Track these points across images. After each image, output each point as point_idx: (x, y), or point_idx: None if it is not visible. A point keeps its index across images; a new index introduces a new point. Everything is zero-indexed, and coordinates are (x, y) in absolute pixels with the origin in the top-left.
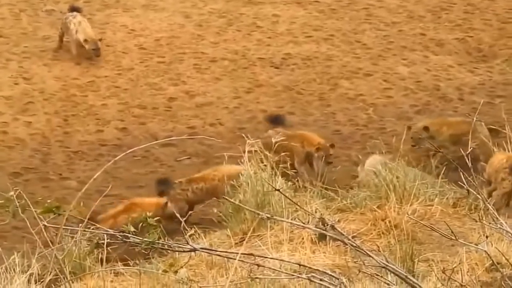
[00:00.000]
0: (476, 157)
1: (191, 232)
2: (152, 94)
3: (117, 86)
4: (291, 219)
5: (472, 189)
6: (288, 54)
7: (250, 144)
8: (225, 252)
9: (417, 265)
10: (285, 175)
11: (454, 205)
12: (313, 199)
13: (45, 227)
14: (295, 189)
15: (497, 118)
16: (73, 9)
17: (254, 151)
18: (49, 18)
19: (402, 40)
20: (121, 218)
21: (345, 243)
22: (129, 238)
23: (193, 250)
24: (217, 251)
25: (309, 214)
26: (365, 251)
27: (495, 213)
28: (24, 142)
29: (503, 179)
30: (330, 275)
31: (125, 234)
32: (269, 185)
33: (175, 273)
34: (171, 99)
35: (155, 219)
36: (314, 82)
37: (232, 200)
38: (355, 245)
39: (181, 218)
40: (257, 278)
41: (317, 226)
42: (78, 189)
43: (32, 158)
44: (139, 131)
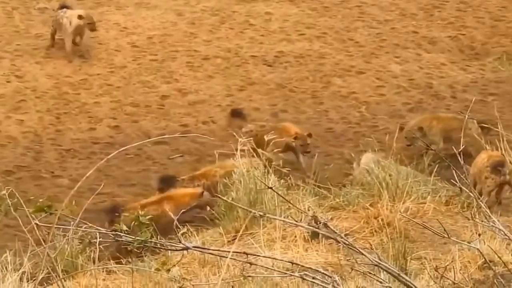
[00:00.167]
0: (468, 154)
1: (183, 231)
2: (144, 92)
3: (109, 84)
4: (284, 217)
5: (464, 187)
6: (280, 52)
7: (242, 142)
8: (217, 251)
9: (409, 263)
10: (278, 172)
11: (447, 203)
12: (305, 197)
13: (37, 225)
14: (288, 187)
15: (490, 116)
16: (63, 6)
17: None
18: (42, 16)
19: (394, 38)
20: (150, 208)
21: (337, 241)
22: (121, 237)
23: (186, 248)
24: (209, 249)
25: (301, 212)
26: (357, 249)
27: (488, 211)
28: (16, 140)
29: (486, 177)
30: (323, 273)
31: (117, 233)
32: (262, 183)
33: (168, 271)
34: (164, 97)
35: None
36: (306, 80)
37: (225, 198)
38: (347, 243)
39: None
40: (249, 276)
41: (309, 224)
42: (70, 187)
43: (24, 156)
44: (131, 129)
